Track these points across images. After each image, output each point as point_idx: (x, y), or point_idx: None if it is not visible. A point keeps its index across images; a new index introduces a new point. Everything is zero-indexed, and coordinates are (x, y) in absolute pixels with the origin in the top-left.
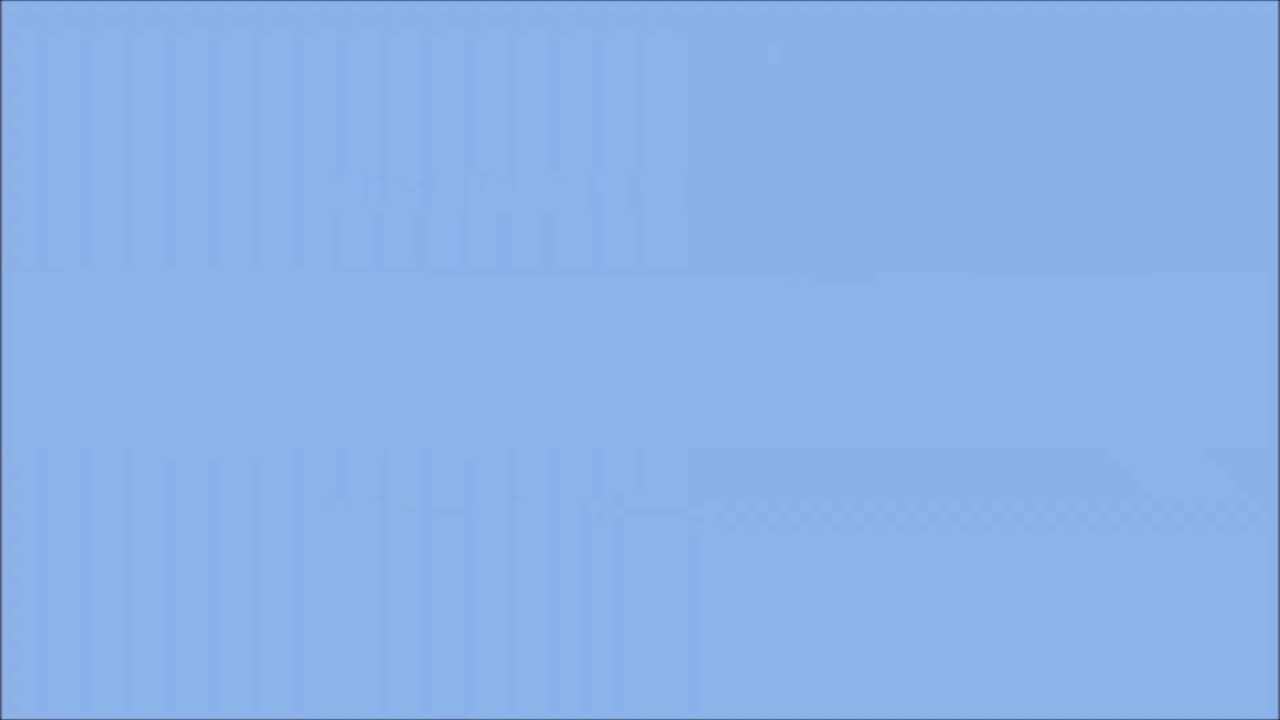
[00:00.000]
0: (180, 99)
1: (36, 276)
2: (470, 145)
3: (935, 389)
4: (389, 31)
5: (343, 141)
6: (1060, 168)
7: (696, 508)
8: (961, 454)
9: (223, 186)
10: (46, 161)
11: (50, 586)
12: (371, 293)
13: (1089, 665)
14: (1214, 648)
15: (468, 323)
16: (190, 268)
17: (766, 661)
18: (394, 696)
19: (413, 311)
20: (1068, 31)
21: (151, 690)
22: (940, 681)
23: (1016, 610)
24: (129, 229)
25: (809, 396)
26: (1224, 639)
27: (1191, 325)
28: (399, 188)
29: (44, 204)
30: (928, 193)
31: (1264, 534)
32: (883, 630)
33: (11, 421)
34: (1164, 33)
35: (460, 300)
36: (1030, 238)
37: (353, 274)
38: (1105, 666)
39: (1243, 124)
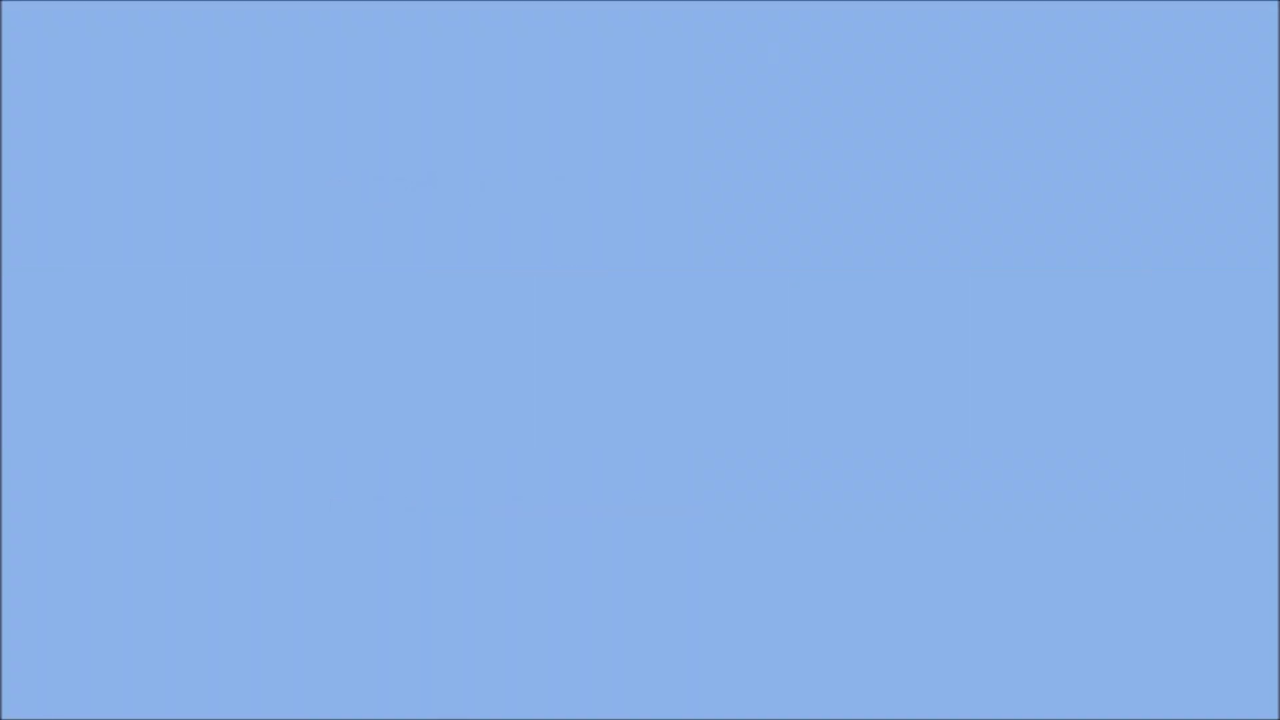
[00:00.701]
0: (180, 99)
1: (36, 276)
2: (470, 145)
3: (935, 389)
4: (389, 31)
5: (343, 142)
6: (1060, 168)
7: (696, 508)
8: (961, 454)
9: (223, 186)
10: (46, 161)
11: (50, 586)
12: (371, 293)
13: (1089, 665)
14: (1214, 648)
15: (468, 323)
16: (190, 268)
17: (766, 661)
18: (394, 696)
19: (413, 311)
20: (1068, 31)
21: (151, 690)
22: (940, 681)
23: (1016, 610)
24: (129, 229)
25: (809, 396)
26: (1224, 639)
27: (1191, 325)
28: (399, 188)
29: (44, 204)
30: (928, 193)
31: (1264, 534)
32: (883, 630)
33: (11, 421)
34: (1164, 33)
35: (460, 300)
36: (1030, 238)
37: (353, 274)
38: (1105, 666)
39: (1243, 124)
